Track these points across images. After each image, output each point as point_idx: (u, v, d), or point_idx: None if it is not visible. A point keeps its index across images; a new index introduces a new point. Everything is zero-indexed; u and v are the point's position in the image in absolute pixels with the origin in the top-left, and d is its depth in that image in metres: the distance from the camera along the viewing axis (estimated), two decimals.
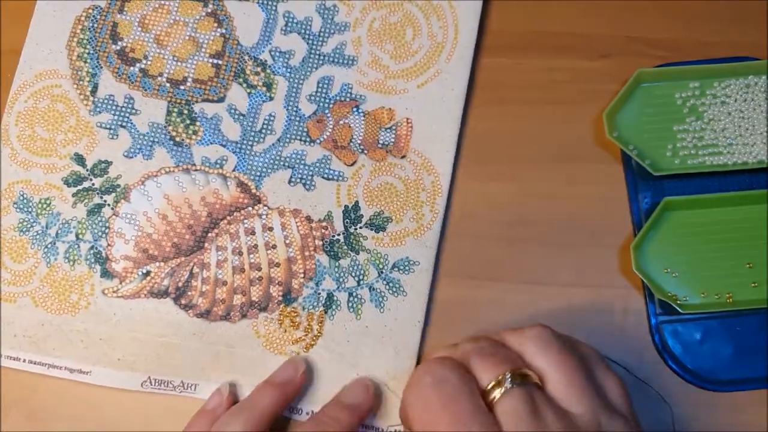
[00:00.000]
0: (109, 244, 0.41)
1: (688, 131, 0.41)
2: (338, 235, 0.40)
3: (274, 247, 0.40)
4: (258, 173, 0.41)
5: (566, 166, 0.41)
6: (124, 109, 0.42)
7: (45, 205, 0.41)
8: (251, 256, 0.40)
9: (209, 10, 0.43)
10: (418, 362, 0.39)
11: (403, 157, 0.41)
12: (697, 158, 0.40)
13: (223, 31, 0.43)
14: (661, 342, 0.38)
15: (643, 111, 0.41)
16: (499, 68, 0.43)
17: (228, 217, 0.40)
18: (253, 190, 0.41)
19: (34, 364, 0.39)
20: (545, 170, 0.41)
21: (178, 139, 0.42)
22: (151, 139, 0.42)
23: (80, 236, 0.41)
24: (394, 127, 0.41)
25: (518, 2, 0.44)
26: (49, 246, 0.41)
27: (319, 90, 0.42)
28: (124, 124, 0.42)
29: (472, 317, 0.40)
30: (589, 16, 0.43)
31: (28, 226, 0.41)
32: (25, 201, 0.41)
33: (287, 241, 0.40)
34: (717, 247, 0.39)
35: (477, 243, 0.41)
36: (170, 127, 0.42)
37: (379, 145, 0.41)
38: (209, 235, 0.40)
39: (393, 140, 0.41)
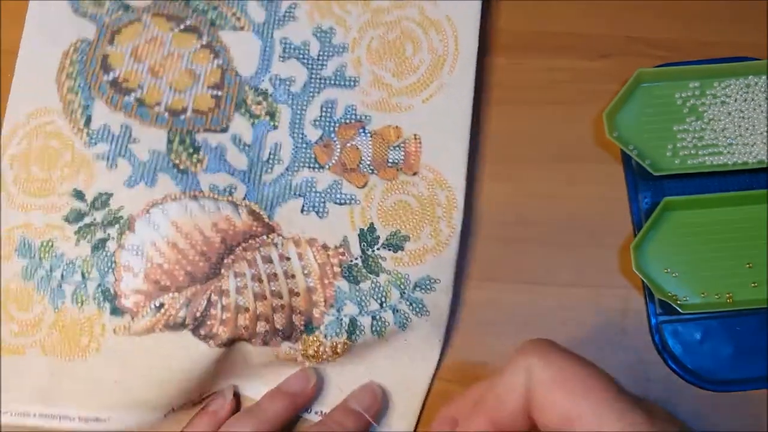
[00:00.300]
0: (116, 279, 0.38)
1: (688, 131, 0.41)
2: (356, 259, 0.38)
3: (293, 276, 0.38)
4: (269, 203, 0.39)
5: (566, 166, 0.41)
6: (121, 138, 0.40)
7: (48, 248, 0.39)
8: (272, 283, 0.38)
9: (204, 42, 0.42)
10: (434, 372, 0.38)
11: (414, 174, 0.40)
12: (697, 158, 0.40)
13: (220, 62, 0.41)
14: (661, 342, 0.38)
15: (643, 111, 0.41)
16: (498, 68, 0.43)
17: (243, 244, 0.38)
18: (266, 220, 0.39)
19: (45, 417, 0.37)
20: (545, 170, 0.41)
21: (182, 167, 0.40)
22: (153, 166, 0.40)
23: (86, 275, 0.38)
24: (402, 145, 0.40)
25: (518, 2, 0.44)
26: (55, 289, 0.38)
27: (323, 114, 0.41)
28: (122, 153, 0.40)
29: (472, 317, 0.40)
30: (589, 16, 0.43)
31: (32, 271, 0.39)
32: (27, 246, 0.39)
33: (305, 272, 0.38)
34: (717, 247, 0.39)
35: (476, 243, 0.41)
36: (172, 155, 0.40)
37: (389, 164, 0.40)
38: (225, 261, 0.38)
39: (403, 158, 0.40)
